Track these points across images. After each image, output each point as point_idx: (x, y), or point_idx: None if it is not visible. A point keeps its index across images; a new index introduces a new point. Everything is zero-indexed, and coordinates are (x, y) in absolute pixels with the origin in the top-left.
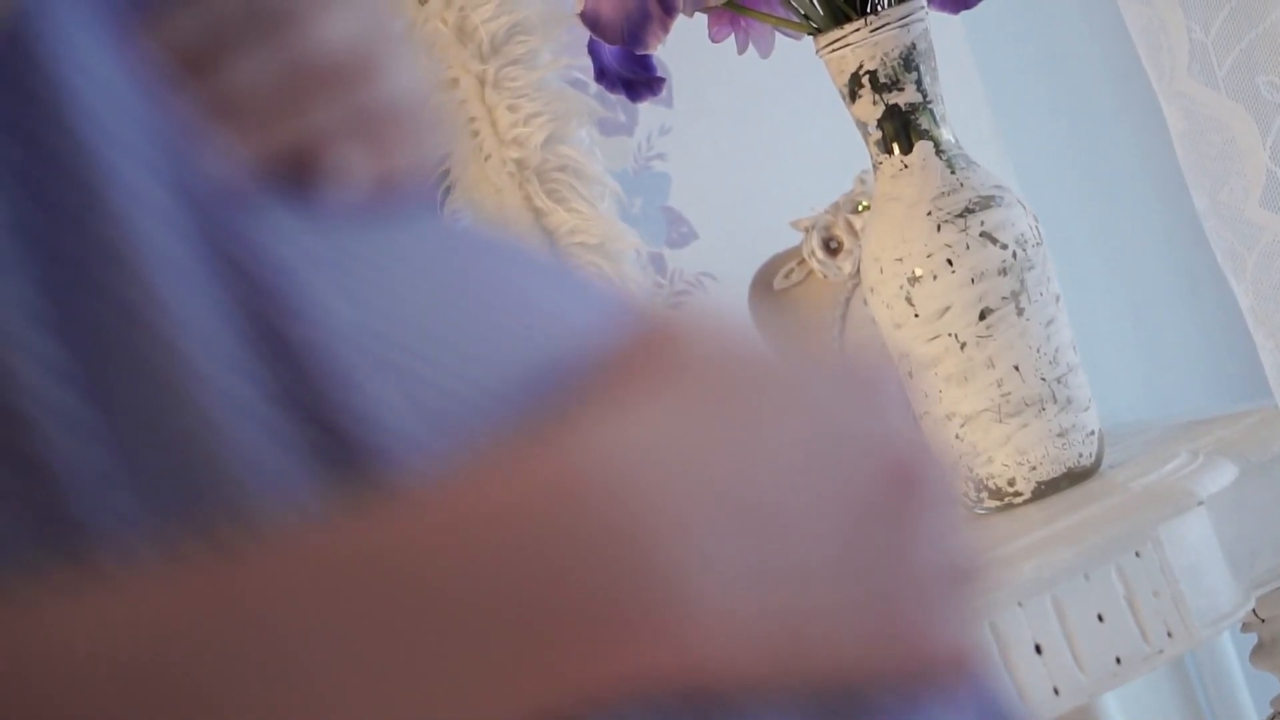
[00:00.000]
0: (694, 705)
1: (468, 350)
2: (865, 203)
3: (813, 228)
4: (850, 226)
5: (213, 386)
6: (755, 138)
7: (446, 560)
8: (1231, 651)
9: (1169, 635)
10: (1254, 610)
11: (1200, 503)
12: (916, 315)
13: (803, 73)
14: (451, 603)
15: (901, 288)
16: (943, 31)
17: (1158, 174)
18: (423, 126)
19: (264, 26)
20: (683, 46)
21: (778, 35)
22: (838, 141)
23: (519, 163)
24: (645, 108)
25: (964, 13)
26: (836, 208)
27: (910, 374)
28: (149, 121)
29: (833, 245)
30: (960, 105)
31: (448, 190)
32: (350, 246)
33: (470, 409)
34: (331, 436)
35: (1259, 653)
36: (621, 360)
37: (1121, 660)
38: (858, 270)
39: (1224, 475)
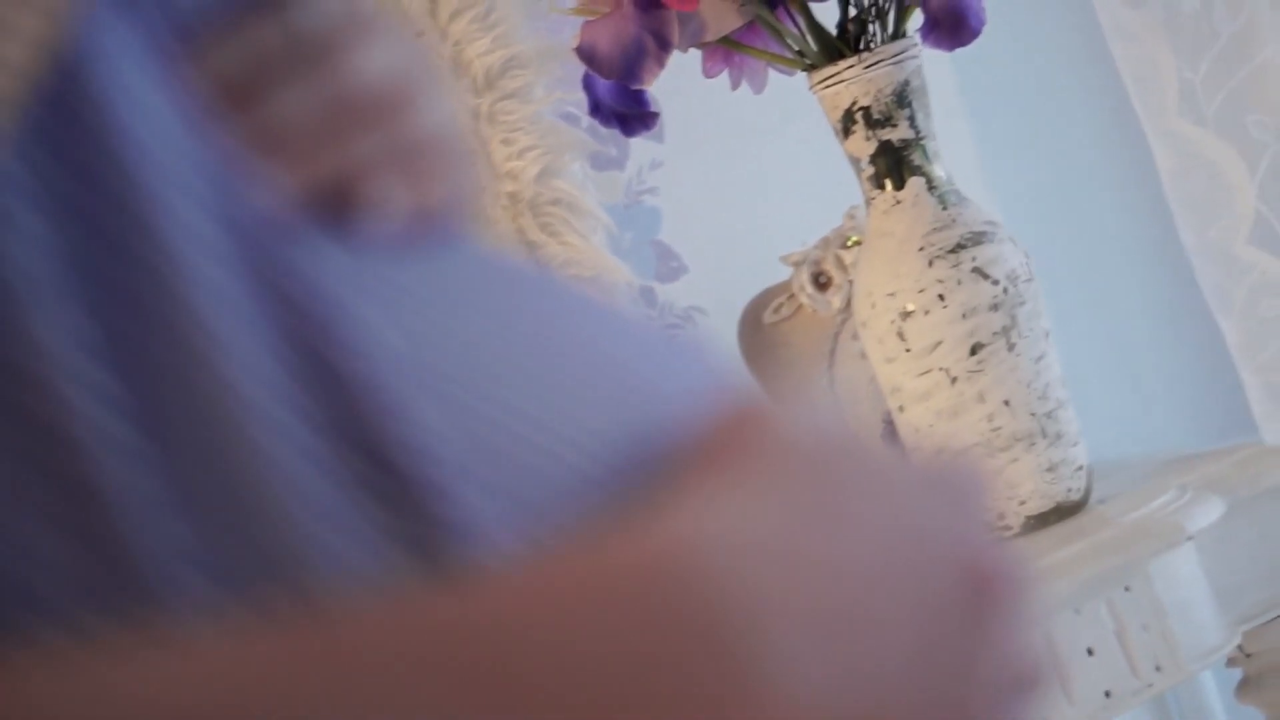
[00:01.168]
0: None
1: (544, 406)
2: (855, 238)
3: (802, 263)
4: (840, 262)
5: (262, 417)
6: (745, 173)
7: (527, 642)
8: (1212, 687)
9: (1158, 669)
10: (1240, 646)
11: (1189, 538)
12: (908, 350)
13: (792, 109)
14: (530, 687)
15: (893, 322)
16: (931, 69)
17: (1140, 213)
18: (457, 158)
19: (304, 60)
20: (674, 82)
21: (770, 71)
22: (827, 177)
23: (513, 196)
24: (636, 142)
25: (953, 51)
26: (826, 243)
27: (901, 408)
28: (195, 153)
29: (822, 280)
30: (946, 143)
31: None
32: (396, 278)
33: (552, 482)
34: (383, 470)
35: (1245, 688)
36: (714, 439)
37: (1110, 694)
38: (847, 305)
39: (1212, 511)
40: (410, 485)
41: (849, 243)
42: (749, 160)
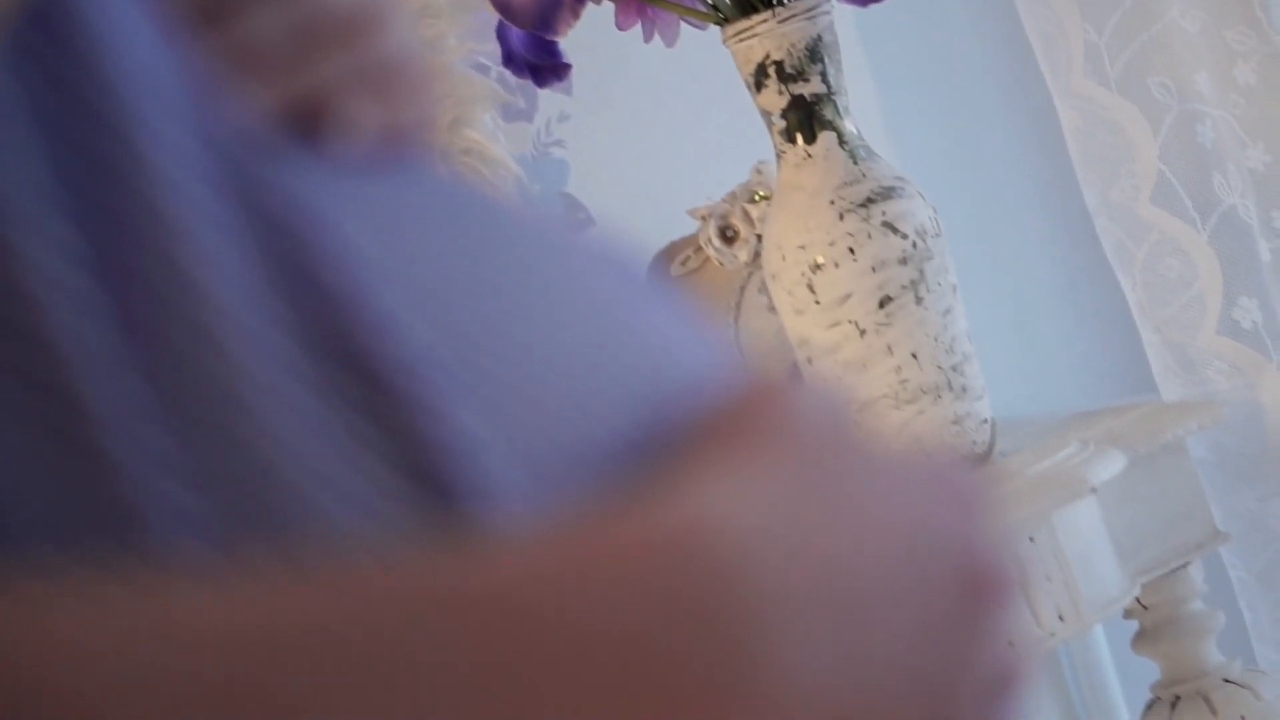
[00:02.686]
0: None
1: (543, 344)
2: (762, 192)
3: (709, 216)
4: (747, 215)
5: (243, 330)
6: (653, 127)
7: (537, 616)
8: (1102, 639)
9: (1060, 619)
10: (1138, 598)
11: (1093, 490)
12: (818, 302)
13: (700, 64)
14: (537, 662)
15: (803, 275)
16: (836, 27)
17: (1043, 172)
18: (424, 81)
19: None
20: (582, 35)
21: (682, 25)
22: (735, 132)
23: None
24: (545, 95)
25: (857, 10)
26: (733, 197)
27: (810, 360)
28: (174, 71)
29: (729, 234)
30: (851, 101)
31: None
32: (373, 195)
33: (560, 437)
34: (368, 384)
35: (1141, 639)
36: (729, 416)
37: (1013, 644)
38: (753, 258)
39: (1114, 464)
40: (398, 401)
41: (756, 197)
42: (656, 114)
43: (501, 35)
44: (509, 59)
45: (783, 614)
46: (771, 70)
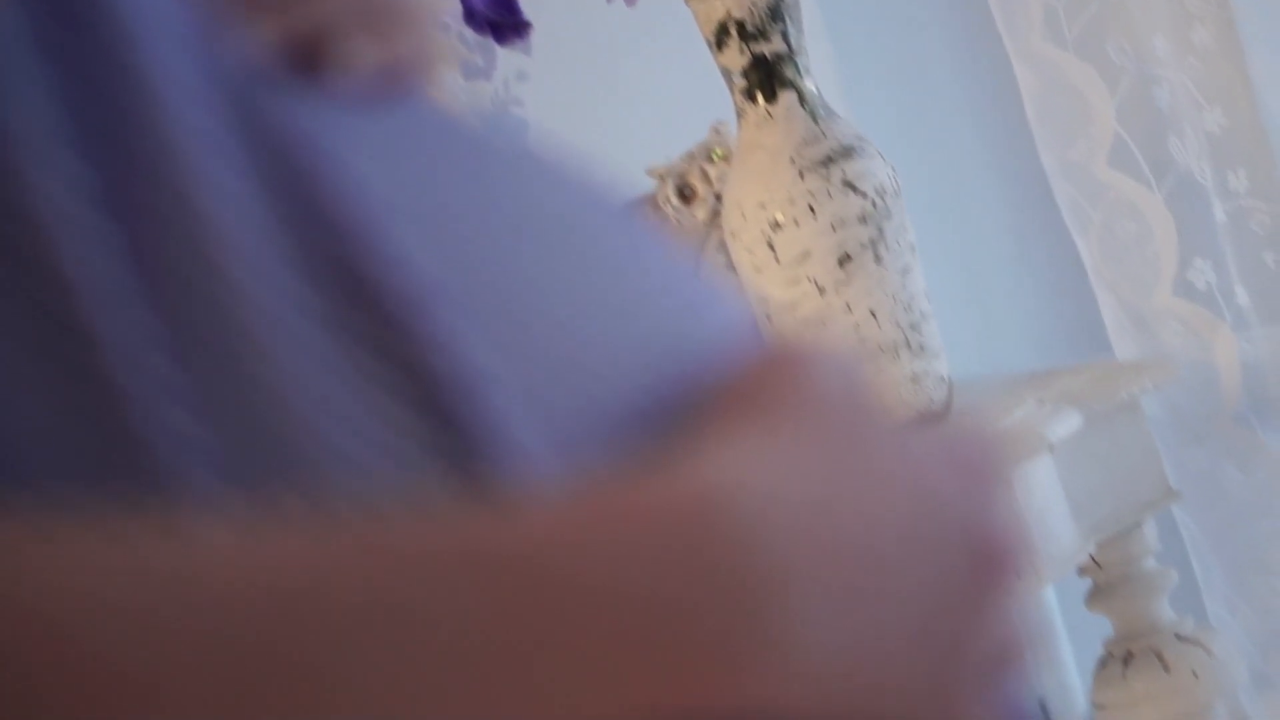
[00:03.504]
0: None
1: (563, 289)
2: (720, 152)
3: (667, 175)
4: (705, 175)
5: (252, 264)
6: (610, 86)
7: (561, 575)
8: (1053, 597)
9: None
10: (1092, 555)
11: (1050, 447)
12: (777, 260)
13: (658, 24)
14: (558, 621)
15: (763, 233)
16: None
17: (1000, 134)
18: (421, 19)
19: None
20: None
21: None
22: (692, 91)
23: None
24: (503, 54)
25: None
26: (691, 156)
27: (769, 318)
28: (178, 5)
29: (687, 193)
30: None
31: None
32: (376, 130)
33: (581, 387)
34: (374, 317)
35: (1095, 597)
36: (751, 382)
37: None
38: (711, 217)
39: (1070, 422)
40: (407, 336)
41: (714, 157)
42: (614, 74)
43: None
44: (470, 16)
45: (797, 582)
46: (733, 29)
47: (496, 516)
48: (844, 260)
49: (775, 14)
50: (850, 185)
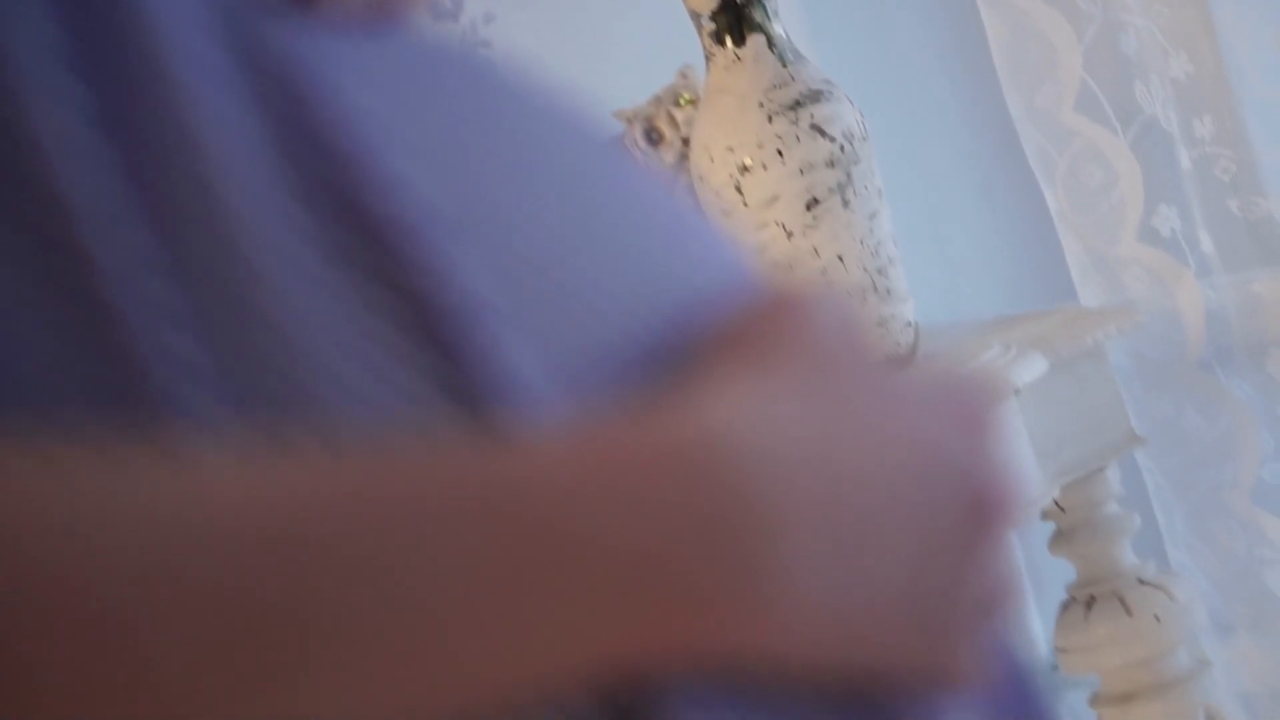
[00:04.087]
0: (736, 690)
1: (563, 220)
2: (687, 96)
3: (635, 118)
4: (671, 119)
5: (248, 188)
6: (578, 29)
7: (564, 513)
8: (1015, 541)
9: None
10: (1055, 500)
11: (1016, 391)
12: (745, 204)
13: None
14: (561, 558)
15: (731, 176)
16: None
17: (967, 79)
18: None
19: None
20: None
21: None
22: (659, 35)
23: None
24: None
25: None
26: (658, 100)
27: None
28: None
29: (654, 136)
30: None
31: None
32: (373, 58)
33: (583, 319)
34: (370, 243)
35: (1058, 541)
36: (749, 328)
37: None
38: (679, 161)
39: (1036, 366)
40: (403, 263)
41: (681, 101)
42: (581, 16)
43: None
44: None
45: (790, 530)
46: None
47: (493, 453)
48: (812, 204)
49: None
50: (818, 129)
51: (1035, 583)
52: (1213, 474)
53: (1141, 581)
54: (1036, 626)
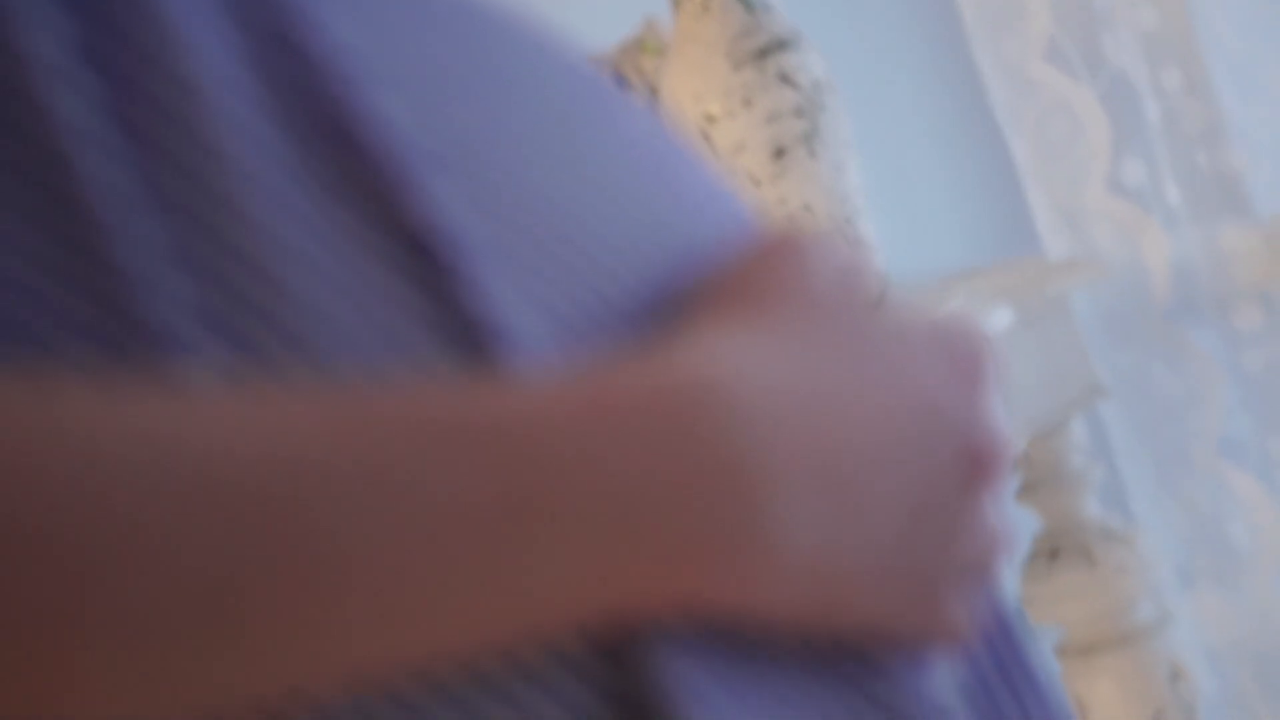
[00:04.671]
0: (725, 638)
1: (553, 164)
2: (651, 45)
3: (601, 66)
4: (638, 67)
5: (237, 125)
6: None
7: (553, 449)
8: None
9: None
10: (1022, 451)
11: None
12: (713, 153)
13: None
14: (551, 496)
15: (698, 126)
16: None
17: (931, 31)
18: None
19: None
20: None
21: None
22: None
23: None
24: None
25: None
26: (624, 49)
27: None
28: None
29: (621, 84)
30: None
31: None
32: None
33: (574, 265)
34: (358, 183)
35: (1023, 492)
36: (749, 273)
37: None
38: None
39: (1002, 318)
40: (392, 203)
41: (647, 49)
42: None
43: None
44: None
45: (784, 477)
46: None
47: (486, 388)
48: (778, 154)
49: None
50: (785, 78)
51: None
52: (1178, 427)
53: (1106, 533)
54: (1001, 576)
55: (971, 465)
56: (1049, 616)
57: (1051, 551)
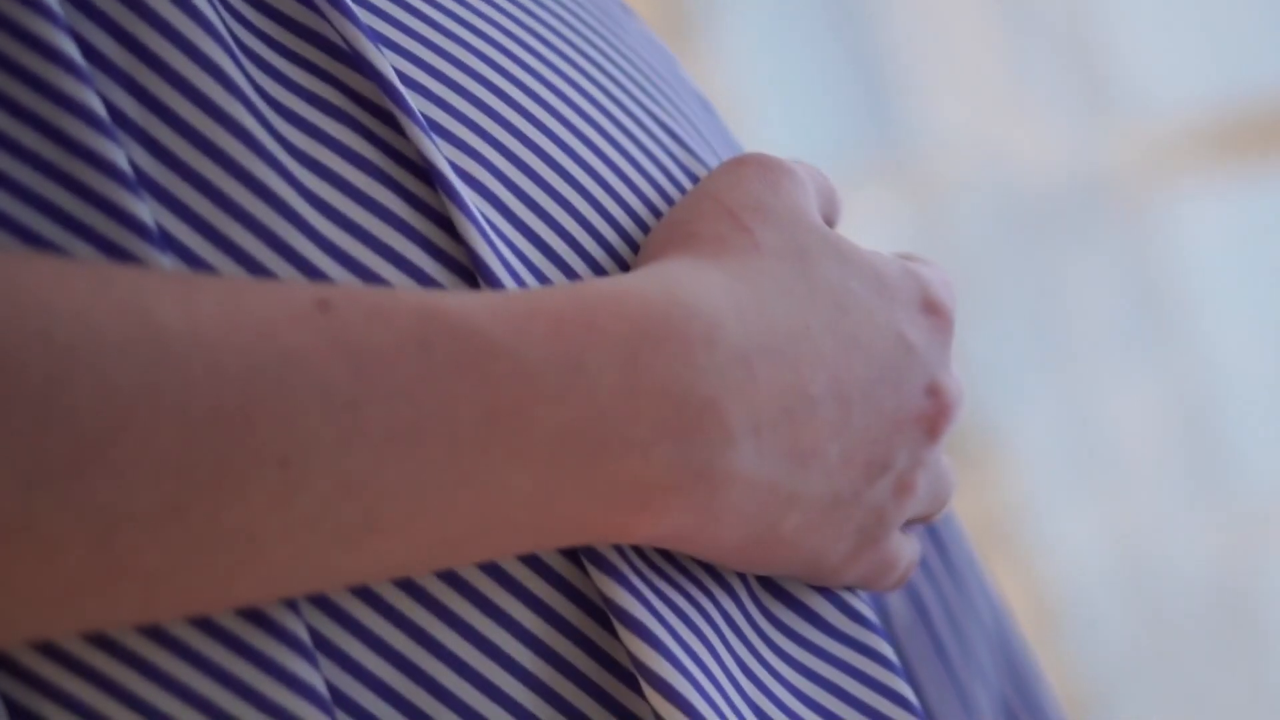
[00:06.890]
0: (680, 566)
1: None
2: None
3: None
4: None
5: (213, 30)
6: None
7: (514, 348)
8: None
9: None
10: None
11: None
12: None
13: None
14: (525, 399)
15: None
16: None
17: None
18: None
19: None
20: None
21: None
22: None
23: None
24: None
25: None
26: None
27: None
28: None
29: None
30: None
31: None
32: None
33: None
34: (335, 86)
35: None
36: (719, 197)
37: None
38: None
39: None
40: (371, 111)
41: None
42: None
43: None
44: None
45: (747, 411)
46: None
47: (470, 298)
48: None
49: None
50: None
51: None
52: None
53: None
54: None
55: (935, 406)
56: None
57: None
